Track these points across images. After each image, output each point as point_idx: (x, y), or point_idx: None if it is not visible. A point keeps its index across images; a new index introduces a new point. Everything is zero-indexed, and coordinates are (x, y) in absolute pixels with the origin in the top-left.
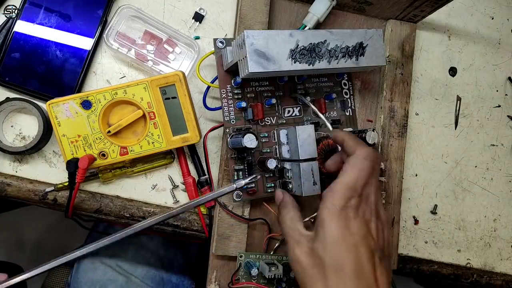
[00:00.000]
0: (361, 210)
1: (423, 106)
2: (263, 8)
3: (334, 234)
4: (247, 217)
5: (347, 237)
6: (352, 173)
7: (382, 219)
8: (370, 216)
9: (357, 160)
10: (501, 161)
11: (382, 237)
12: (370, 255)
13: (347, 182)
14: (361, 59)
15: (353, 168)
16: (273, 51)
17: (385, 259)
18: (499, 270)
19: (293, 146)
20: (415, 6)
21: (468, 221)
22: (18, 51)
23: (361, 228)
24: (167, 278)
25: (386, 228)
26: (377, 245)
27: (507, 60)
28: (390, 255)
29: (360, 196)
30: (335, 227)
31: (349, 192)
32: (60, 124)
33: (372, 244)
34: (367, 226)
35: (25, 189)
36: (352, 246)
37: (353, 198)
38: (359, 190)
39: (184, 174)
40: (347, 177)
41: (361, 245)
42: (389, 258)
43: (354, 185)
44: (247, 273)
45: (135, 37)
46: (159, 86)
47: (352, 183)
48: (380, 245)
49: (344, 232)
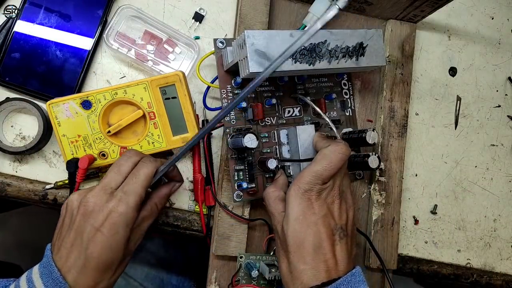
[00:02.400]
0: (324, 194)
1: (423, 106)
2: (263, 8)
3: (296, 213)
4: (247, 217)
5: (308, 216)
6: (321, 163)
7: (348, 202)
8: (332, 199)
9: (329, 152)
10: (501, 161)
11: (346, 218)
12: (330, 233)
13: (316, 171)
14: (361, 59)
15: (323, 159)
16: (273, 51)
17: (347, 238)
18: (499, 270)
19: (294, 146)
20: (415, 6)
21: (468, 221)
22: (18, 51)
23: (322, 209)
24: (167, 279)
25: (351, 210)
26: (338, 224)
27: (507, 60)
28: (353, 234)
29: (325, 183)
30: (298, 207)
31: (315, 179)
32: (60, 124)
33: (332, 223)
34: (329, 207)
35: (25, 189)
36: (312, 224)
37: (317, 184)
38: (325, 179)
39: (195, 171)
40: (316, 166)
41: (321, 223)
42: (352, 237)
43: (321, 174)
44: (247, 274)
45: (135, 37)
46: (159, 86)
47: (319, 172)
48: (342, 224)
49: (305, 211)
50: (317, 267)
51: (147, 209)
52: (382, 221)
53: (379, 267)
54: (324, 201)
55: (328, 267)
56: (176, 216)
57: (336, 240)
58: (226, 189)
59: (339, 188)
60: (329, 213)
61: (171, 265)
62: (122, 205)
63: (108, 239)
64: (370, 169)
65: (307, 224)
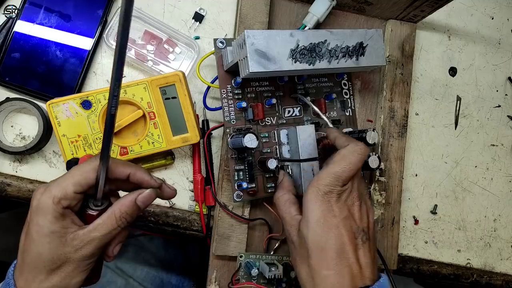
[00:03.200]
0: (344, 196)
1: (423, 106)
2: (263, 8)
3: (316, 216)
4: (247, 217)
5: (329, 218)
6: (340, 164)
7: (367, 204)
8: (352, 201)
9: (348, 152)
10: (501, 161)
11: (366, 220)
12: (352, 236)
13: (335, 172)
14: (361, 59)
15: (342, 160)
16: (273, 51)
17: (369, 242)
18: (499, 270)
19: (294, 146)
20: (415, 6)
21: (468, 221)
22: (18, 51)
23: (342, 211)
24: (167, 279)
25: (371, 213)
26: (359, 227)
27: (507, 60)
28: (375, 239)
29: (344, 185)
30: (318, 209)
31: (334, 181)
32: (60, 124)
33: (354, 226)
34: (349, 210)
35: (25, 189)
36: (334, 227)
37: (337, 186)
38: (345, 181)
39: (195, 171)
40: (335, 168)
41: (343, 226)
42: (374, 242)
43: (341, 176)
44: (247, 273)
45: (135, 37)
46: (159, 86)
47: (339, 173)
48: (363, 227)
49: (326, 214)
50: (341, 272)
51: (103, 217)
52: (382, 221)
53: (380, 266)
54: (345, 203)
55: (352, 273)
56: (176, 216)
57: (359, 244)
58: (226, 189)
59: (358, 190)
60: (350, 215)
61: (170, 265)
62: (45, 194)
63: (30, 229)
64: (370, 169)
65: (328, 227)
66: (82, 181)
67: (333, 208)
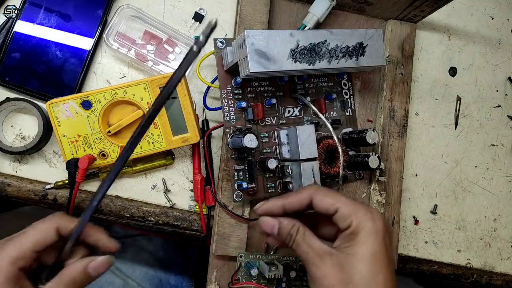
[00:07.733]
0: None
1: (423, 106)
2: (263, 8)
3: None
4: (247, 217)
5: (381, 258)
6: (375, 244)
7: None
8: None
9: (372, 234)
10: (501, 161)
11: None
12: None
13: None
14: (361, 59)
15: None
16: (273, 51)
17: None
18: (499, 270)
19: (294, 146)
20: (415, 6)
21: (468, 221)
22: (18, 51)
23: (388, 253)
24: (166, 279)
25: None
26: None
27: (507, 60)
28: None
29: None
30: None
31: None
32: (60, 124)
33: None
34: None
35: (25, 189)
36: (385, 265)
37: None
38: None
39: (195, 171)
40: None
41: (388, 269)
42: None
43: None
44: (247, 273)
45: (135, 37)
46: (159, 86)
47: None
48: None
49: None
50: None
51: (49, 285)
52: None
53: None
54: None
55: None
56: (176, 216)
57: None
58: (226, 189)
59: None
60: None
61: (169, 265)
62: (1, 253)
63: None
64: (370, 169)
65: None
66: (41, 240)
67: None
